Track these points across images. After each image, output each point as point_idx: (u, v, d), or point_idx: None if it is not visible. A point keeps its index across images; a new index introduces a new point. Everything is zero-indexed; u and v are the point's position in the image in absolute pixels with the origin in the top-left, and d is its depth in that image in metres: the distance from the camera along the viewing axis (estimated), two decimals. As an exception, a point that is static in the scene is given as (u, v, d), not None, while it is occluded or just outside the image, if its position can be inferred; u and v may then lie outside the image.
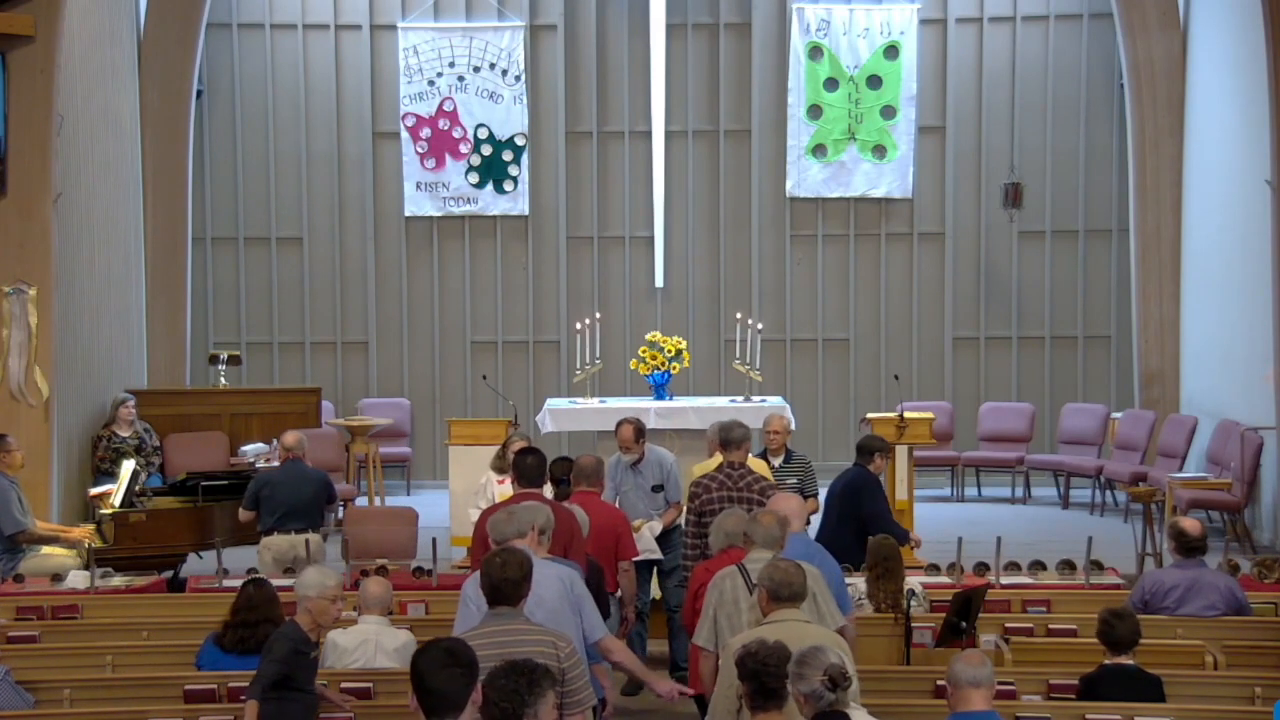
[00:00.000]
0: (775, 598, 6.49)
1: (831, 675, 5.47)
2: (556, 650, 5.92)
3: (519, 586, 6.06)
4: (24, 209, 12.56)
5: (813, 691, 5.48)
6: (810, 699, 5.50)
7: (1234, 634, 8.50)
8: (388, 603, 8.17)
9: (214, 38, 16.79)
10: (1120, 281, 16.90)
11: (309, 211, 17.17)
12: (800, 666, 5.54)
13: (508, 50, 16.88)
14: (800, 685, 5.52)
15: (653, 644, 10.20)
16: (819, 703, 5.48)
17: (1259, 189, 13.65)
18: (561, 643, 5.99)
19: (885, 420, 12.97)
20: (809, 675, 5.50)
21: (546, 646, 5.89)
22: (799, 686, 5.52)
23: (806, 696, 5.51)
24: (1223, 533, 13.61)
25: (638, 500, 10.15)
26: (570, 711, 5.88)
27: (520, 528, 6.86)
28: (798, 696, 5.54)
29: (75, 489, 13.49)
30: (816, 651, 5.58)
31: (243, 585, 8.05)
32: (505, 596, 6.04)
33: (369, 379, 17.19)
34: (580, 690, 5.95)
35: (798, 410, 15.08)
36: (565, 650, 5.96)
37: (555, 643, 5.97)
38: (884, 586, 8.51)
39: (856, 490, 10.38)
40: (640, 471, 10.23)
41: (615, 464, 10.24)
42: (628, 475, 10.24)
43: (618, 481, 10.17)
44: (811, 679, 5.49)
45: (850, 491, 10.39)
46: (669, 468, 10.29)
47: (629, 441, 10.23)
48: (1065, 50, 17.00)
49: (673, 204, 17.00)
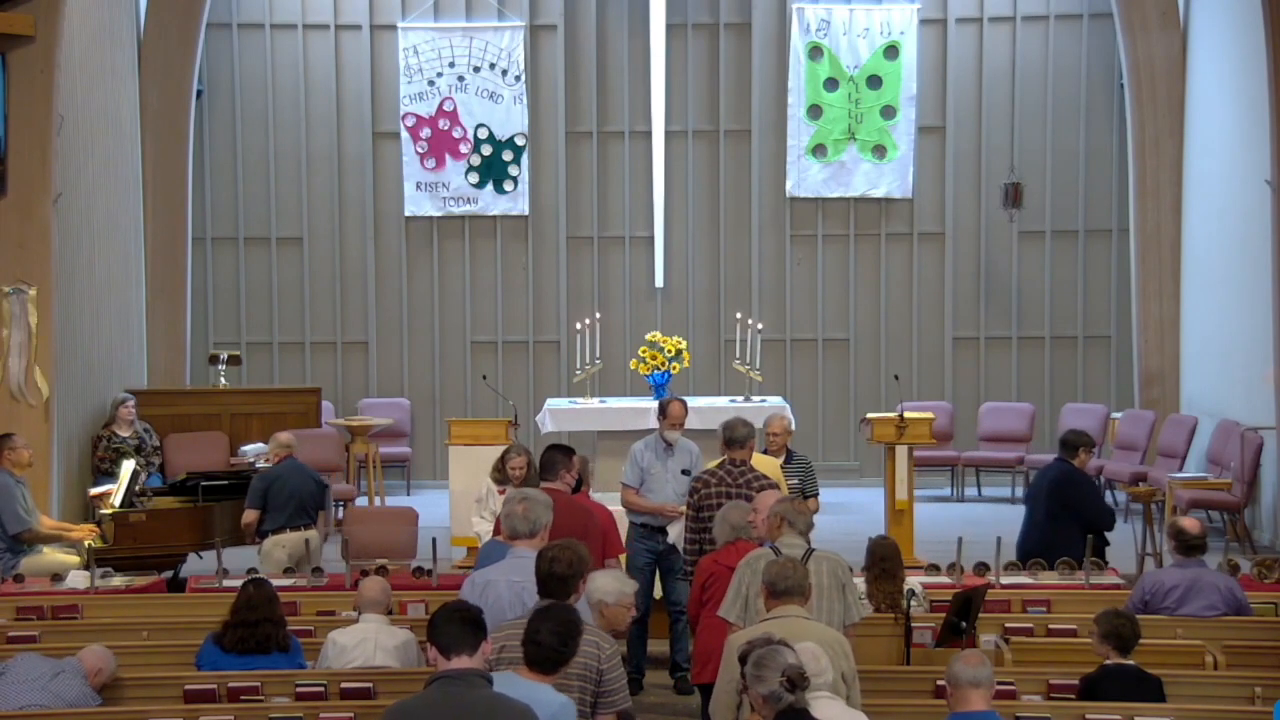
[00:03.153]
0: (773, 592, 6.53)
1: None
2: (599, 650, 6.10)
3: (566, 583, 6.26)
4: (24, 209, 12.56)
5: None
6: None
7: (1234, 634, 8.50)
8: (387, 603, 8.18)
9: (214, 38, 16.79)
10: (1120, 281, 16.90)
11: (309, 211, 17.17)
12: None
13: (508, 50, 16.88)
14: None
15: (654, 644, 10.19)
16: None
17: (1259, 189, 13.65)
18: (605, 644, 6.16)
19: (885, 420, 12.96)
20: (767, 676, 5.51)
21: (590, 646, 6.05)
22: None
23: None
24: (1223, 533, 13.61)
25: (665, 484, 10.11)
26: (603, 711, 6.11)
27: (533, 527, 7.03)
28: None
29: (75, 489, 13.49)
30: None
31: (243, 585, 8.06)
32: (552, 591, 6.23)
33: (369, 379, 17.19)
34: (616, 691, 6.13)
35: (798, 410, 15.09)
36: (607, 651, 6.13)
37: (599, 643, 6.14)
38: (882, 587, 8.51)
39: (1069, 486, 10.38)
40: (673, 454, 10.24)
41: (644, 448, 10.27)
42: (660, 458, 10.22)
43: (645, 465, 10.19)
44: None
45: (1061, 488, 10.37)
46: (696, 455, 10.31)
47: (682, 417, 10.29)
48: (1065, 50, 17.00)
49: (673, 204, 17.00)
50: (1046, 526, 10.22)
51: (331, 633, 7.96)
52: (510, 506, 7.16)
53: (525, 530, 7.02)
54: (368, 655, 7.79)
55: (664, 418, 10.30)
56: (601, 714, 6.10)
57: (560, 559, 6.28)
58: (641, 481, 10.14)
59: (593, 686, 6.04)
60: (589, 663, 6.02)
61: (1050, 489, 10.40)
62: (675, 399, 10.50)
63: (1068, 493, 10.35)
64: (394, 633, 7.96)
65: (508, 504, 7.25)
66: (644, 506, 10.07)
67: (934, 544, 12.20)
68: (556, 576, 6.25)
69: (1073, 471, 10.42)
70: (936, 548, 11.81)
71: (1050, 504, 10.34)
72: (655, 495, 10.10)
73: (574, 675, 5.98)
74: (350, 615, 8.57)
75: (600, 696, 6.04)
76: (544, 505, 7.17)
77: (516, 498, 7.22)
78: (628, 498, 10.15)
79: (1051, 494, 10.38)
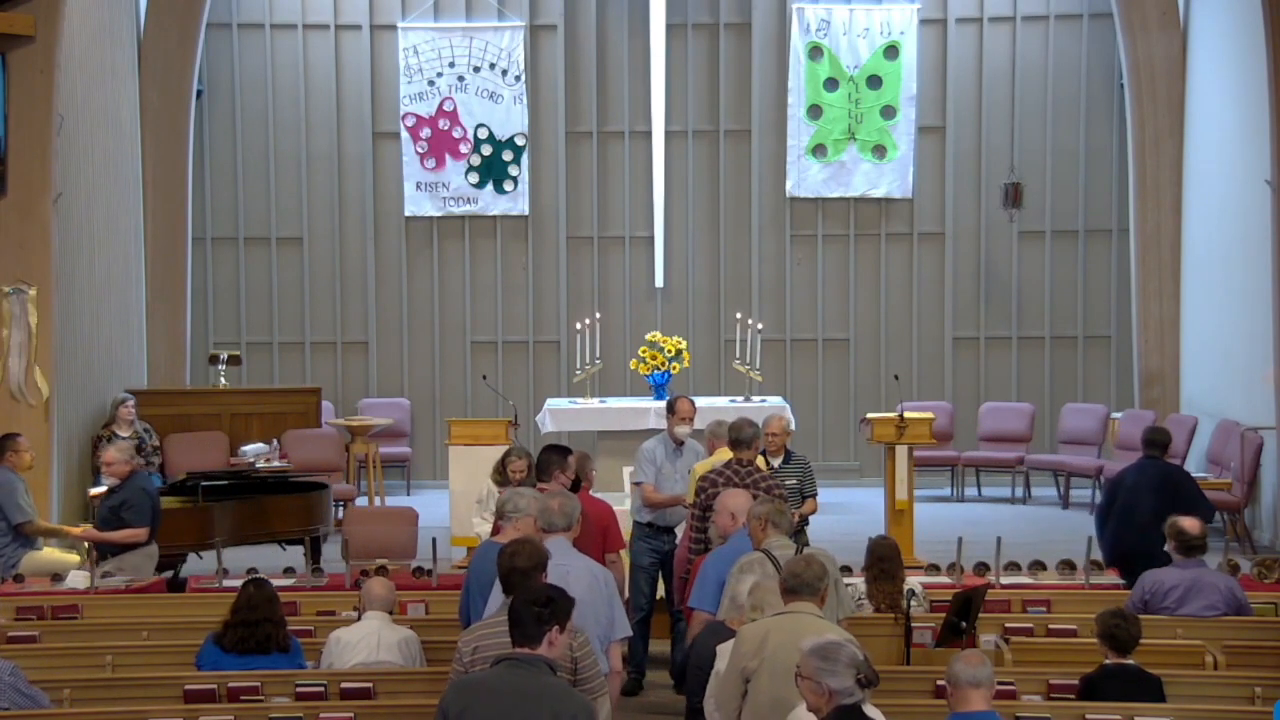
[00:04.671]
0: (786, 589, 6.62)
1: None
2: (571, 639, 6.20)
3: (528, 576, 6.43)
4: (24, 209, 12.56)
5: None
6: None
7: (1234, 634, 8.49)
8: (392, 603, 8.19)
9: (214, 38, 16.79)
10: (1120, 281, 16.90)
11: (309, 211, 17.17)
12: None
13: (508, 50, 16.88)
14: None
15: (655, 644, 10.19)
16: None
17: (1259, 189, 13.65)
18: (577, 634, 6.31)
19: (885, 420, 12.95)
20: (840, 671, 5.51)
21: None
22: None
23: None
24: (1223, 533, 13.60)
25: (675, 484, 10.18)
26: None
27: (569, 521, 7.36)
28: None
29: (75, 489, 13.50)
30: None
31: (243, 585, 8.06)
32: (515, 585, 6.39)
33: (369, 379, 17.19)
34: (593, 679, 6.36)
35: (797, 410, 15.10)
36: (579, 640, 6.31)
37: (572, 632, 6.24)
38: (882, 587, 8.51)
39: (1185, 482, 10.42)
40: (682, 454, 10.30)
41: (655, 446, 10.33)
42: (670, 457, 10.29)
43: (658, 464, 10.23)
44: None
45: (1175, 484, 10.35)
46: (703, 455, 10.33)
47: (691, 413, 10.38)
48: (1065, 50, 17.00)
49: (673, 204, 17.00)
50: (1153, 526, 9.75)
51: (335, 631, 7.99)
52: (544, 504, 7.45)
53: (562, 524, 7.34)
54: (370, 649, 7.82)
55: (673, 415, 10.35)
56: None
57: (520, 553, 6.53)
58: (655, 480, 10.17)
59: (569, 676, 6.21)
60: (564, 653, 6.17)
61: (1160, 487, 10.29)
62: (683, 396, 10.59)
63: (1182, 489, 10.32)
64: (396, 630, 7.98)
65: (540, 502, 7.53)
66: (662, 500, 10.12)
67: (934, 544, 12.21)
68: (519, 570, 6.47)
69: (1177, 468, 10.41)
70: (936, 548, 11.82)
71: (1159, 502, 10.07)
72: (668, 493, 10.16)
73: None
74: (350, 615, 8.58)
75: (577, 685, 6.24)
76: (576, 500, 7.55)
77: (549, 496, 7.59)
78: (646, 493, 10.17)
79: (1162, 491, 10.23)
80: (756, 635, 6.50)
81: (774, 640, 6.39)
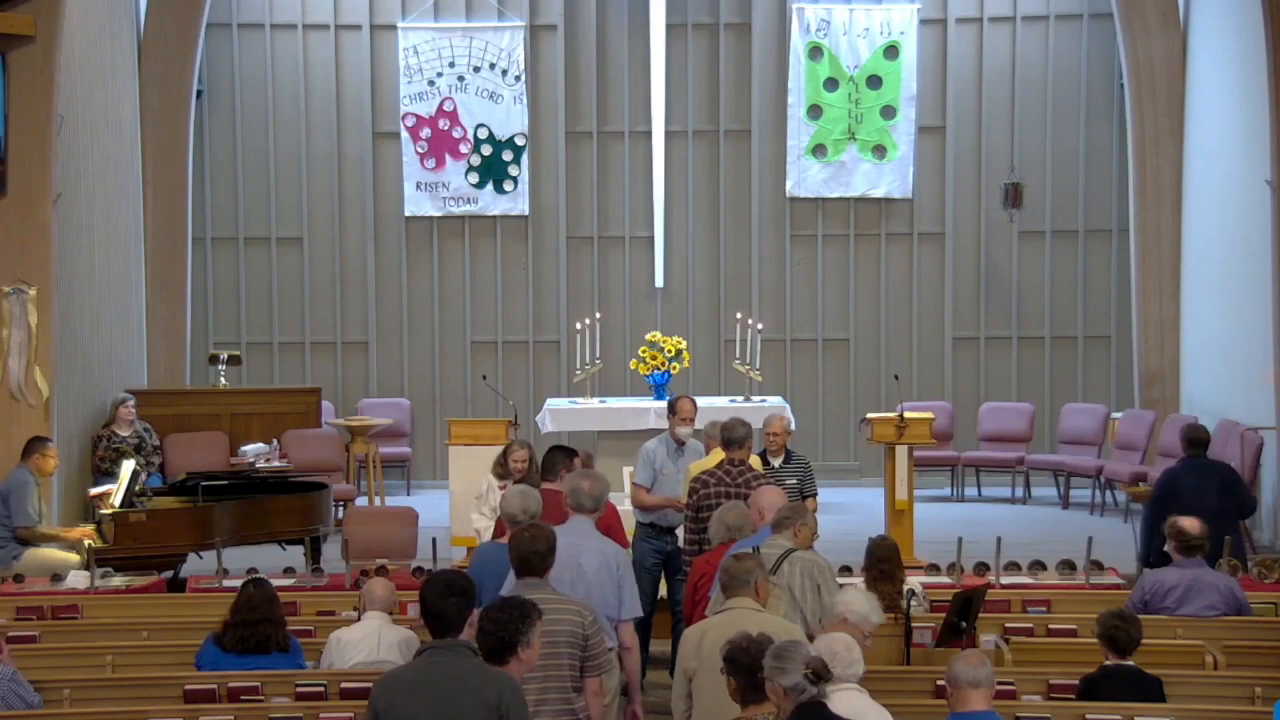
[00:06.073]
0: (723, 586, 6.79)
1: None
2: (581, 618, 6.63)
3: (545, 559, 6.72)
4: (24, 209, 12.55)
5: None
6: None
7: (1234, 634, 8.50)
8: (392, 603, 8.21)
9: (214, 38, 16.79)
10: (1120, 281, 16.90)
11: (309, 211, 17.17)
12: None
13: (508, 50, 16.88)
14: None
15: (656, 644, 10.19)
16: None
17: (1259, 189, 13.65)
18: (585, 611, 6.70)
19: (885, 420, 12.95)
20: (790, 669, 5.52)
21: (572, 614, 6.63)
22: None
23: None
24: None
25: (676, 484, 10.19)
26: (591, 674, 6.66)
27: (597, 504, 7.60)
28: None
29: (75, 489, 13.49)
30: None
31: (243, 585, 8.07)
32: (533, 568, 6.70)
33: (369, 379, 17.19)
34: (600, 655, 6.68)
35: (797, 410, 15.10)
36: (589, 618, 6.65)
37: (580, 611, 6.69)
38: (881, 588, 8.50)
39: (1239, 480, 10.73)
40: (683, 455, 10.32)
41: (656, 447, 10.34)
42: (671, 457, 10.30)
43: (659, 465, 10.24)
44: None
45: (1235, 482, 10.66)
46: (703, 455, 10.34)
47: (692, 413, 10.40)
48: (1065, 50, 17.00)
49: (673, 204, 17.00)
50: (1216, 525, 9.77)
51: (335, 631, 8.00)
52: (575, 482, 7.63)
53: (590, 506, 7.56)
54: (371, 648, 7.83)
55: (674, 415, 10.35)
56: (589, 676, 6.64)
57: (539, 537, 6.77)
58: (653, 481, 10.18)
59: (580, 652, 6.57)
60: (574, 630, 6.57)
61: (1223, 485, 10.51)
62: (684, 396, 10.62)
63: (1239, 486, 10.67)
64: (396, 629, 8.00)
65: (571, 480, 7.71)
66: (654, 502, 10.12)
67: (934, 544, 12.20)
68: (538, 553, 6.71)
69: (1228, 465, 10.74)
70: (936, 548, 11.81)
71: (1223, 500, 10.38)
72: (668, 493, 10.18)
73: (562, 643, 6.52)
74: (350, 615, 8.58)
75: (586, 660, 6.59)
76: (607, 483, 7.72)
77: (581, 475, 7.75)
78: (638, 496, 10.17)
79: (1224, 490, 10.49)
80: (695, 636, 6.68)
81: (710, 639, 6.45)
